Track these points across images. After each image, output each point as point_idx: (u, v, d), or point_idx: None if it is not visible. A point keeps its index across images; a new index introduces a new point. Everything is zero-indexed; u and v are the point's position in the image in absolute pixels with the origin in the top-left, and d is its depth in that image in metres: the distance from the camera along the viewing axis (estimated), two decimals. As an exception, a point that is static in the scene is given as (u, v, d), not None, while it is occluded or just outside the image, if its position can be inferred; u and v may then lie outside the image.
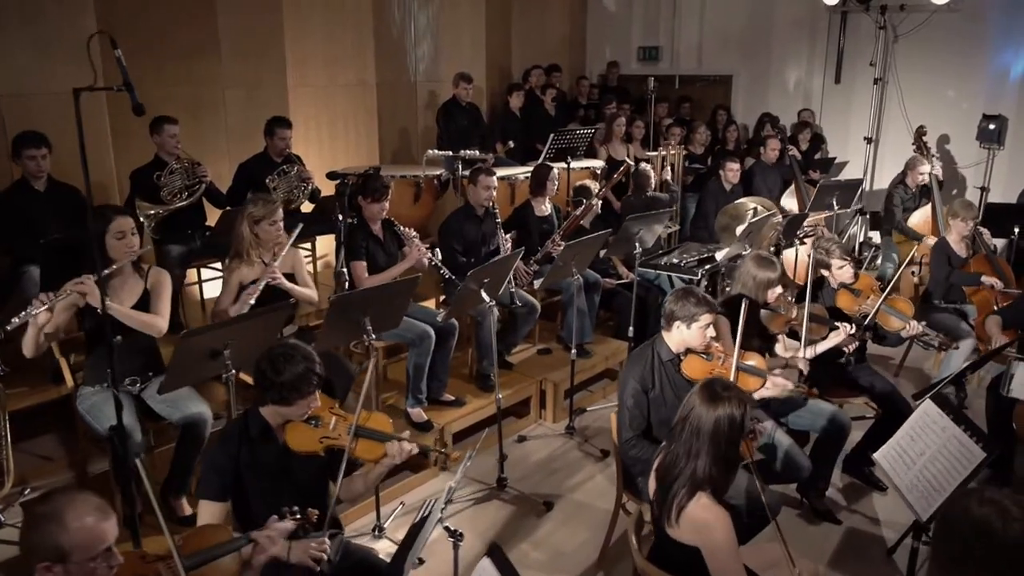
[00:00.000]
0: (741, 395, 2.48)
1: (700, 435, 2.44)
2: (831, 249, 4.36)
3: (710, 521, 2.39)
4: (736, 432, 2.44)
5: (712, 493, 2.44)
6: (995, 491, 1.73)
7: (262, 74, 6.68)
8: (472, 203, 4.99)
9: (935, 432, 2.97)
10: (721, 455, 2.43)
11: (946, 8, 7.90)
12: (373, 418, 2.85)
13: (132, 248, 3.44)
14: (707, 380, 2.56)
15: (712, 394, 2.47)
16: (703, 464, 2.43)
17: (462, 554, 3.85)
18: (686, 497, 2.43)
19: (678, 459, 2.49)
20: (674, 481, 2.47)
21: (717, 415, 2.43)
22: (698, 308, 3.29)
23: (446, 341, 4.57)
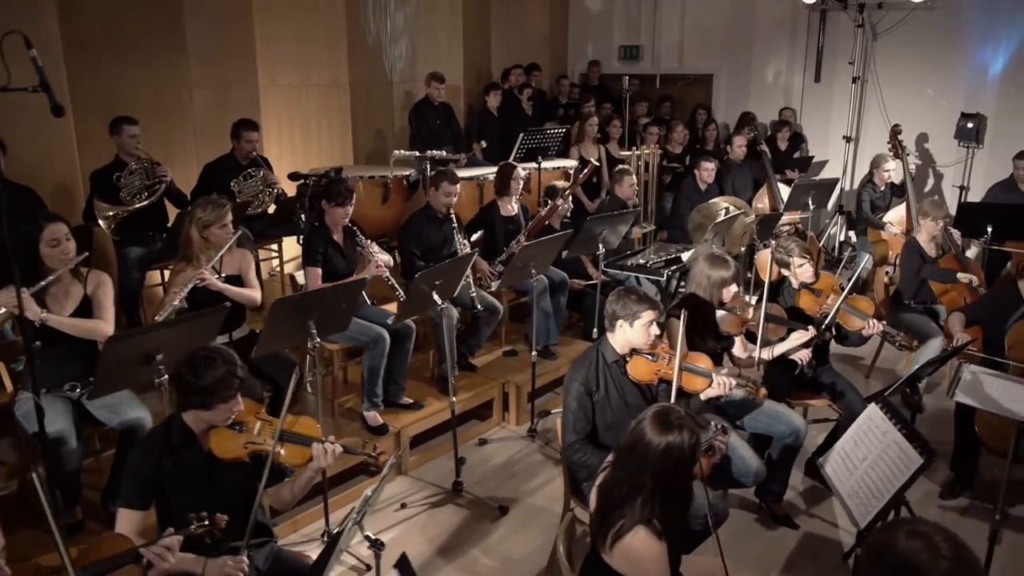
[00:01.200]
0: (693, 425, 2.35)
1: (646, 467, 2.31)
2: (791, 248, 4.30)
3: (646, 557, 2.27)
4: (685, 465, 2.31)
5: (655, 528, 2.30)
6: (926, 523, 1.66)
7: (231, 75, 6.61)
8: (433, 206, 4.93)
9: (877, 437, 2.92)
10: (667, 490, 2.30)
11: (924, 6, 7.86)
12: (300, 422, 2.79)
13: (67, 255, 3.38)
14: (662, 408, 2.41)
15: (665, 423, 2.32)
16: (646, 499, 2.29)
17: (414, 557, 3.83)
18: (627, 527, 2.30)
19: (621, 486, 2.35)
20: (615, 508, 2.35)
21: (667, 445, 2.29)
22: (639, 306, 3.24)
23: (403, 344, 4.51)
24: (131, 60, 5.98)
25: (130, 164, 5.12)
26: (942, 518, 4.17)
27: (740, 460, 3.70)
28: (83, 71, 5.76)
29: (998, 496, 4.24)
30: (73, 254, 3.41)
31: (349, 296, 3.73)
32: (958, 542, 1.60)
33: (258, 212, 5.55)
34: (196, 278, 3.77)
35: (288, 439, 2.72)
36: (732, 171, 7.66)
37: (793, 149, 8.43)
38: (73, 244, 3.42)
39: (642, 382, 3.37)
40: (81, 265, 3.48)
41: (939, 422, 4.93)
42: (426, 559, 3.81)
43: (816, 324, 4.19)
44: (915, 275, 5.33)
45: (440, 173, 4.89)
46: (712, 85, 9.49)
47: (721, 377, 3.35)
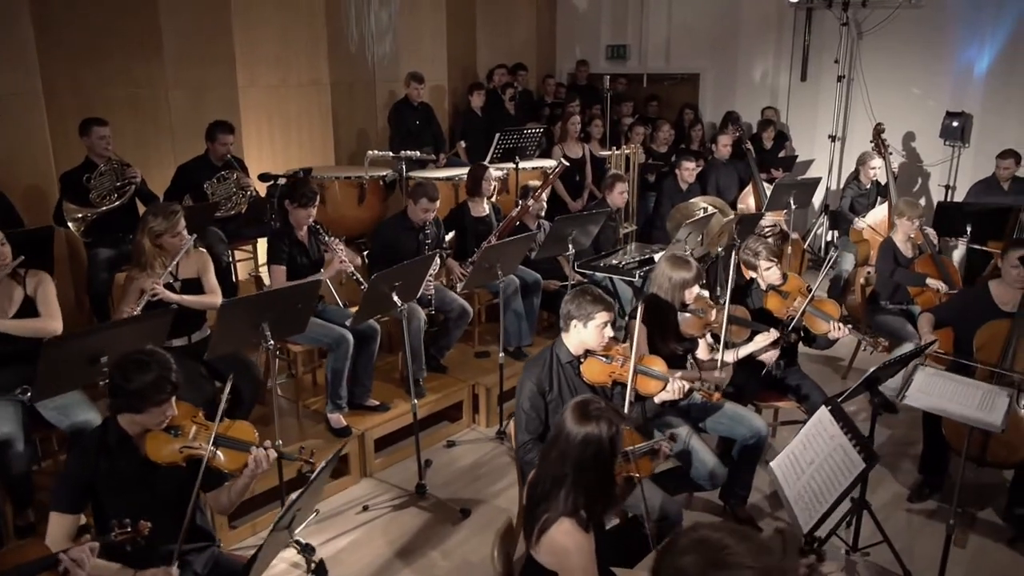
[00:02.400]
0: (613, 418, 2.35)
1: (567, 459, 2.32)
2: (758, 251, 4.26)
3: (570, 549, 2.27)
4: (606, 456, 2.32)
5: (581, 520, 2.31)
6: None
7: (209, 75, 6.59)
8: (410, 217, 4.89)
9: (824, 440, 2.87)
10: (589, 482, 2.31)
11: (909, 4, 7.80)
12: (236, 427, 2.77)
13: (4, 260, 3.37)
14: (581, 400, 2.42)
15: (583, 414, 2.33)
16: (568, 490, 2.30)
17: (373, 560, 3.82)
18: (550, 521, 2.31)
19: (545, 480, 2.37)
20: (540, 502, 2.36)
21: (585, 435, 2.30)
22: (594, 306, 3.21)
23: (367, 345, 4.49)
24: (106, 61, 5.98)
25: (100, 166, 5.10)
26: (909, 521, 4.14)
27: (699, 463, 3.68)
28: (58, 72, 5.75)
29: (964, 499, 4.25)
30: (9, 259, 3.39)
31: (305, 297, 3.70)
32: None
33: (231, 214, 5.53)
34: (149, 293, 3.74)
35: (224, 444, 2.70)
36: (717, 170, 7.63)
37: (778, 148, 8.38)
38: (8, 248, 3.40)
39: (596, 383, 3.34)
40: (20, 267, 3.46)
41: (915, 423, 4.88)
42: (384, 561, 3.79)
43: (783, 326, 4.16)
44: (888, 278, 5.28)
45: (420, 187, 4.84)
46: (699, 84, 9.43)
47: (676, 381, 3.31)
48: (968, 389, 3.16)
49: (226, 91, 6.75)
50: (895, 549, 3.63)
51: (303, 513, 2.60)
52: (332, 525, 4.05)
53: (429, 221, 4.85)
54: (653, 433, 3.79)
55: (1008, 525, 4.04)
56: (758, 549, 1.45)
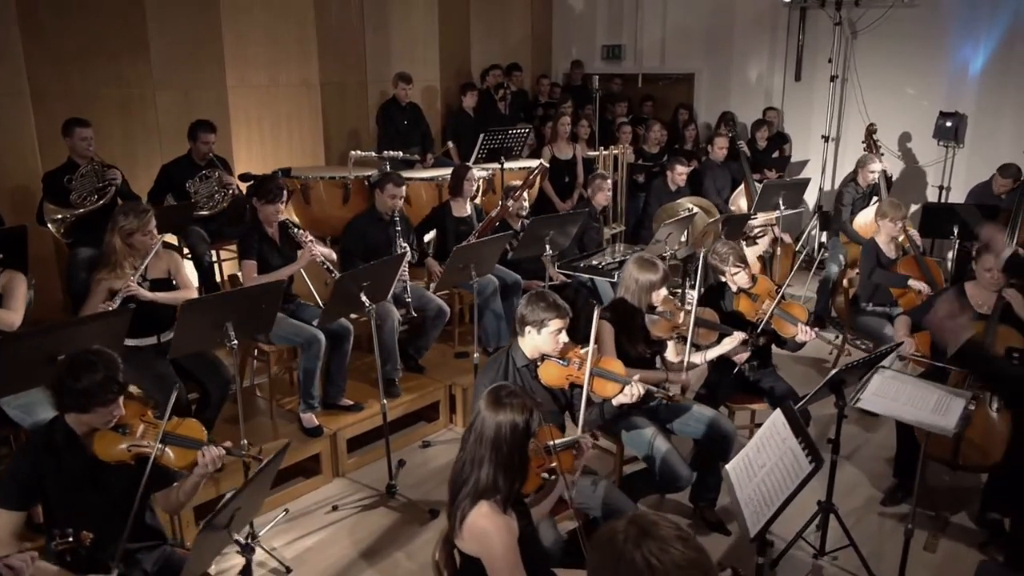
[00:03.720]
0: (526, 402, 2.40)
1: (483, 442, 2.38)
2: (726, 255, 4.24)
3: (489, 530, 2.31)
4: (519, 439, 2.37)
5: (498, 502, 2.37)
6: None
7: (198, 75, 6.63)
8: (378, 208, 4.90)
9: (776, 443, 2.85)
10: (504, 462, 2.36)
11: (903, 3, 7.73)
12: (185, 425, 2.78)
13: None
14: (494, 386, 2.48)
15: (496, 400, 2.40)
16: (486, 472, 2.36)
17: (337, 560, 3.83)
18: (469, 506, 2.35)
19: (464, 467, 2.42)
20: (460, 490, 2.40)
21: (499, 421, 2.36)
22: (547, 313, 3.20)
23: (340, 345, 4.50)
24: (94, 62, 6.02)
25: (81, 166, 5.14)
26: (881, 525, 4.10)
27: (665, 464, 3.66)
28: (44, 72, 5.80)
29: (937, 503, 4.22)
30: None
31: (269, 297, 3.71)
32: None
33: (213, 213, 5.56)
34: (123, 291, 3.76)
35: (172, 442, 2.71)
36: (712, 171, 7.60)
37: (773, 149, 8.33)
38: None
39: (553, 387, 3.33)
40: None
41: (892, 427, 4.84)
42: (349, 562, 3.79)
43: (752, 328, 4.14)
44: (868, 278, 5.25)
45: (385, 175, 4.87)
46: (694, 84, 9.39)
47: (634, 385, 3.30)
48: (925, 392, 3.13)
49: (215, 92, 6.79)
50: (861, 553, 3.60)
51: (245, 512, 2.60)
52: (300, 525, 4.07)
53: (399, 208, 4.83)
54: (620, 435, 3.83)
55: (981, 529, 4.00)
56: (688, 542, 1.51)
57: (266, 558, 3.76)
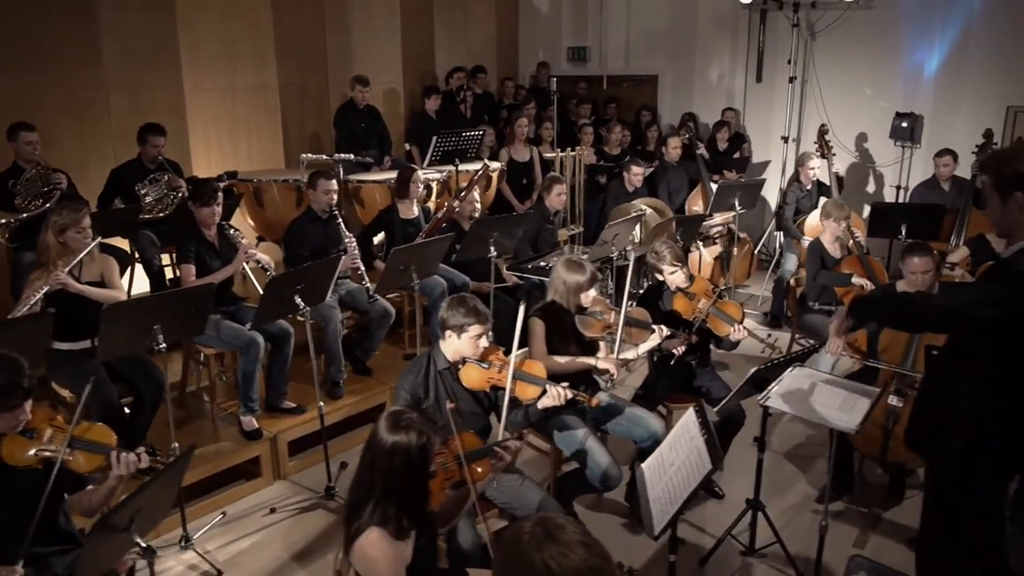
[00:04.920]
0: (424, 427, 2.35)
1: (376, 467, 2.33)
2: (663, 255, 4.26)
3: (376, 558, 2.29)
4: (415, 466, 2.32)
5: (392, 528, 2.33)
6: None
7: (152, 77, 6.62)
8: (314, 207, 4.91)
9: (686, 442, 2.88)
10: (397, 490, 2.32)
11: (860, 5, 7.80)
12: (93, 429, 2.78)
13: None
14: (395, 409, 2.44)
15: (393, 423, 2.35)
16: (377, 500, 2.32)
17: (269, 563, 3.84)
18: (359, 530, 2.32)
19: (359, 488, 2.38)
20: (354, 510, 2.37)
21: (393, 444, 2.31)
22: (467, 318, 3.22)
23: (281, 348, 4.50)
24: (43, 64, 6.00)
25: (26, 171, 5.12)
26: (813, 522, 4.12)
27: (595, 465, 3.68)
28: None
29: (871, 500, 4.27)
30: None
31: (198, 300, 3.71)
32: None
33: (159, 216, 5.55)
34: (53, 281, 3.76)
35: (80, 446, 2.71)
36: (668, 173, 7.64)
37: (733, 150, 8.38)
38: None
39: (475, 389, 3.35)
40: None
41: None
42: (281, 564, 3.80)
43: (687, 327, 4.18)
44: (813, 279, 5.30)
45: (315, 173, 4.87)
46: (658, 86, 9.44)
47: (555, 387, 3.32)
48: (833, 390, 3.17)
49: (170, 95, 6.78)
50: (787, 550, 3.64)
51: (150, 515, 2.60)
52: (236, 528, 4.07)
53: (334, 203, 4.83)
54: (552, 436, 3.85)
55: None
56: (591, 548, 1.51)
57: (198, 561, 3.77)
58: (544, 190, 6.12)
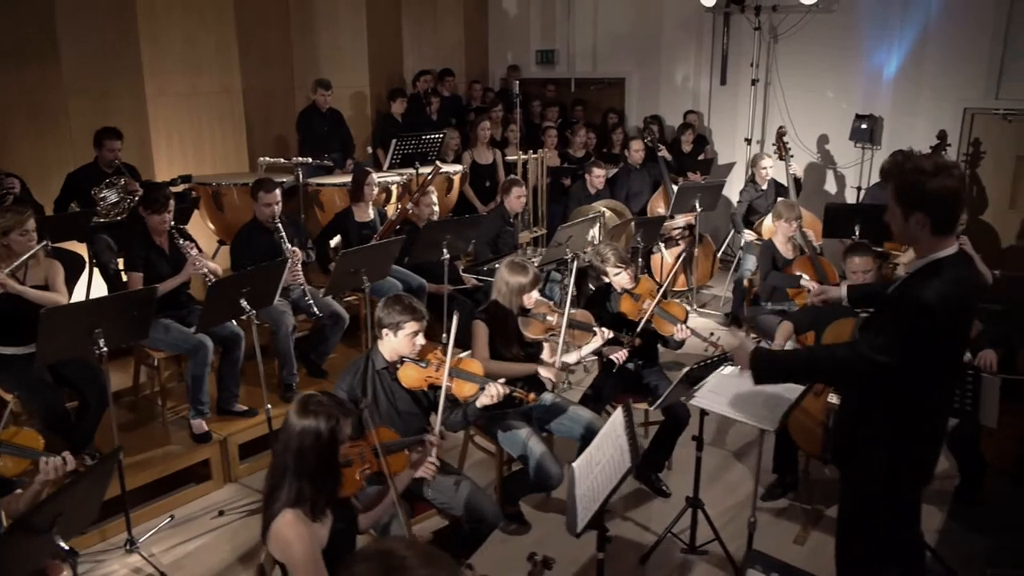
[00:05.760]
0: (333, 411, 2.43)
1: (288, 451, 2.41)
2: (607, 256, 4.32)
3: (291, 539, 2.35)
4: (324, 447, 2.40)
5: (306, 511, 2.40)
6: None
7: (113, 82, 6.60)
8: (258, 217, 4.90)
9: (612, 441, 2.92)
10: (309, 472, 2.39)
11: (821, 9, 7.89)
12: (21, 434, 2.80)
13: None
14: (303, 394, 2.51)
15: (302, 408, 2.43)
16: (291, 482, 2.39)
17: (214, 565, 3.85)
18: (274, 513, 2.39)
19: (274, 474, 2.45)
20: (270, 496, 2.43)
21: (303, 429, 2.39)
22: (403, 316, 3.26)
23: (231, 351, 4.52)
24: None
25: (-22, 176, 5.12)
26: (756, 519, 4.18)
27: (537, 464, 3.72)
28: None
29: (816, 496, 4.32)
30: None
31: (141, 304, 3.73)
32: None
33: (114, 220, 5.56)
34: None
35: (6, 450, 2.73)
36: (630, 175, 7.70)
37: (698, 152, 8.46)
38: None
39: (413, 388, 3.38)
40: None
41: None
42: (226, 566, 3.82)
43: (632, 328, 4.23)
44: (763, 280, 5.37)
45: (257, 183, 4.84)
46: (625, 88, 9.51)
47: (492, 385, 3.35)
48: (758, 388, 3.21)
49: (132, 100, 6.75)
50: (726, 547, 3.70)
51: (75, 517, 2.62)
52: (183, 531, 4.09)
53: (276, 215, 4.81)
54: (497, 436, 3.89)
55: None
56: (437, 565, 1.45)
57: (142, 564, 3.78)
58: (503, 192, 6.17)
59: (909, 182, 2.45)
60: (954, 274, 2.45)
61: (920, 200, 2.43)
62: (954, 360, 2.68)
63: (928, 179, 2.40)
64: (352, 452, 2.69)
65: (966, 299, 2.49)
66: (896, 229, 2.55)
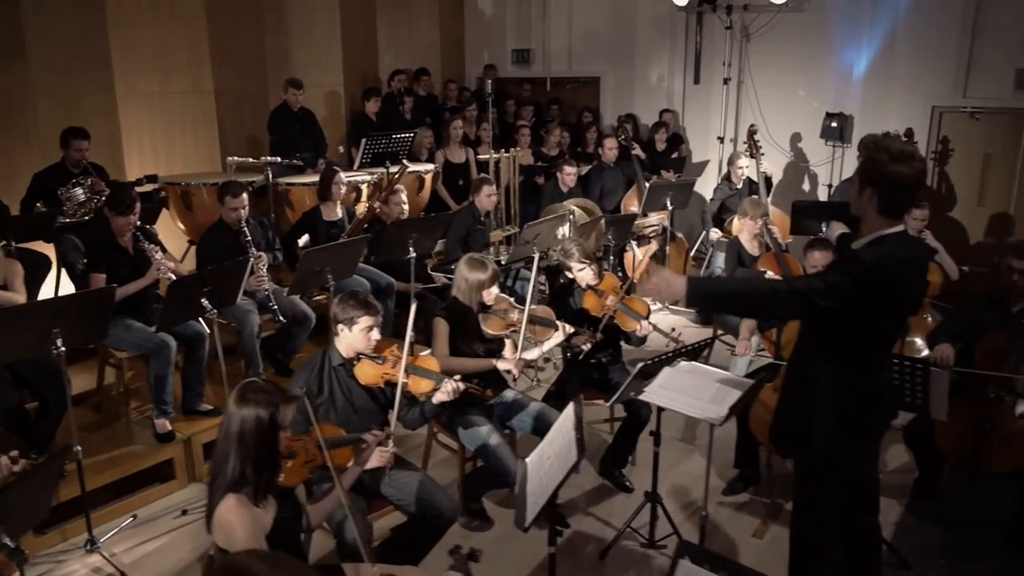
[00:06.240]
0: (271, 398, 2.47)
1: (228, 436, 2.45)
2: (570, 252, 4.34)
3: (233, 522, 2.38)
4: (264, 432, 2.44)
5: (248, 494, 2.44)
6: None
7: (83, 82, 6.57)
8: (224, 220, 4.89)
9: (563, 435, 2.95)
10: (249, 455, 2.43)
11: (791, 8, 7.95)
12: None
13: None
14: (243, 382, 2.54)
15: (240, 395, 2.47)
16: (232, 465, 2.43)
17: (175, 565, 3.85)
18: (218, 498, 2.42)
19: (217, 461, 2.48)
20: (213, 482, 2.47)
21: (243, 415, 2.43)
22: (357, 311, 3.27)
23: (195, 350, 4.51)
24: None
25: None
26: (717, 513, 4.22)
27: (498, 461, 3.74)
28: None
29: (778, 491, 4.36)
30: None
31: (99, 304, 3.72)
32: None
33: (86, 220, 5.54)
34: None
35: (-47, 449, 2.73)
36: (603, 173, 7.74)
37: (671, 150, 8.50)
38: None
39: (370, 385, 3.39)
40: None
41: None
42: (186, 566, 3.82)
43: (595, 324, 4.25)
44: (730, 275, 5.41)
45: (224, 186, 4.83)
46: (600, 88, 9.55)
47: (448, 381, 3.37)
48: (708, 383, 3.25)
49: (103, 99, 6.73)
50: (684, 541, 3.72)
51: (21, 517, 2.62)
52: (145, 530, 4.08)
53: (242, 219, 4.79)
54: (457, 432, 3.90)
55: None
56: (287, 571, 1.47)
57: (103, 563, 3.78)
58: (474, 191, 6.19)
59: (871, 158, 2.59)
60: (894, 248, 2.59)
61: (875, 177, 2.58)
62: (890, 330, 2.76)
63: (888, 161, 2.53)
64: (296, 445, 2.72)
65: (904, 271, 2.61)
66: (852, 200, 2.71)
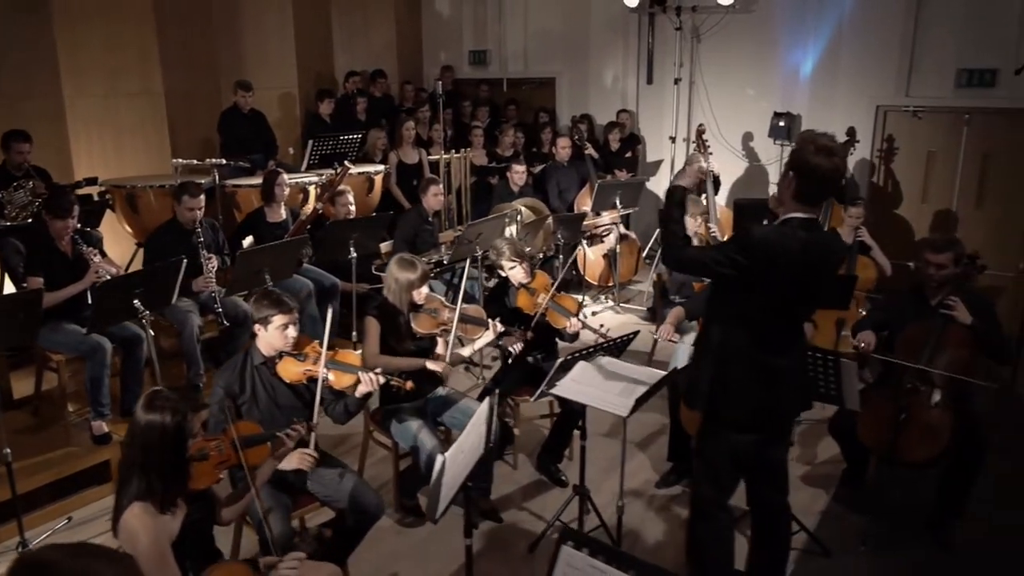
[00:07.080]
0: (178, 407, 2.48)
1: (135, 444, 2.47)
2: (502, 251, 4.40)
3: (137, 530, 2.40)
4: (170, 442, 2.45)
5: (155, 503, 2.45)
6: None
7: (28, 84, 6.53)
8: (179, 220, 4.90)
9: (476, 429, 3.01)
10: (155, 466, 2.44)
11: (739, 9, 8.08)
12: None
13: None
14: (151, 390, 2.56)
15: (148, 403, 2.48)
16: (139, 476, 2.44)
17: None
18: (123, 506, 2.44)
19: (123, 468, 2.51)
20: (121, 488, 2.49)
21: (148, 423, 2.44)
22: (270, 310, 3.32)
23: (133, 352, 4.52)
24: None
25: None
26: (650, 504, 4.30)
27: (427, 457, 3.79)
28: None
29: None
30: None
31: (27, 306, 3.73)
32: None
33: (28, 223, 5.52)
34: None
35: None
36: (557, 172, 7.82)
37: (626, 150, 8.59)
38: None
39: (293, 382, 3.43)
40: None
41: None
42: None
43: (527, 322, 4.32)
44: (669, 274, 5.50)
45: (180, 186, 4.86)
46: (555, 88, 9.63)
47: (368, 374, 3.42)
48: (615, 378, 3.33)
49: (49, 101, 6.69)
50: (611, 534, 3.79)
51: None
52: (80, 532, 4.08)
53: (198, 220, 4.82)
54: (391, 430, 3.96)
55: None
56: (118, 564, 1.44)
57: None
58: (421, 191, 6.23)
59: (799, 147, 2.82)
60: (792, 231, 2.80)
61: (797, 164, 2.80)
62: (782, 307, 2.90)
63: (812, 153, 2.76)
64: (209, 445, 2.75)
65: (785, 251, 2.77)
66: (778, 183, 3.00)
